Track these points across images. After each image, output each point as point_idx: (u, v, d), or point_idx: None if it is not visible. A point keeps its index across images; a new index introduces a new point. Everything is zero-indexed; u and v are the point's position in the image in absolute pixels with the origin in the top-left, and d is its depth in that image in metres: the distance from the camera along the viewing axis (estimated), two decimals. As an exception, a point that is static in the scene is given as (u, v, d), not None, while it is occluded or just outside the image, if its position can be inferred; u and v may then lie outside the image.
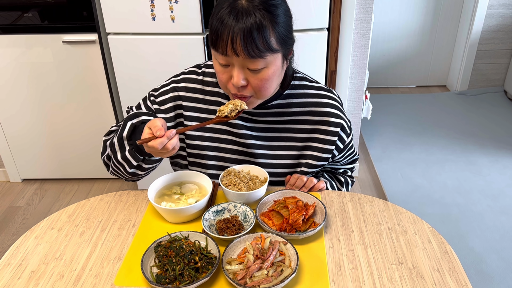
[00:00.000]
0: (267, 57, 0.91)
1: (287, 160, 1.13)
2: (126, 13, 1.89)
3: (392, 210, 1.03)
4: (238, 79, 0.93)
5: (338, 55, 2.13)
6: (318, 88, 1.11)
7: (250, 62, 0.90)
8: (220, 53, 0.91)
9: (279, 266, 0.84)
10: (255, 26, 0.87)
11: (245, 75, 0.93)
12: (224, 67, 0.94)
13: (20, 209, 2.37)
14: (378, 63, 3.59)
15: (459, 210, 2.21)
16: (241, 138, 1.11)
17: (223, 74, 0.95)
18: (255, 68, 0.92)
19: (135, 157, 1.02)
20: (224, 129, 1.12)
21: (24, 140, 2.45)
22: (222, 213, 1.00)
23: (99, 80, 2.24)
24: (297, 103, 1.10)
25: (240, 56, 0.89)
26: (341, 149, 1.14)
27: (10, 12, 2.09)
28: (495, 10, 3.20)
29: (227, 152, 1.13)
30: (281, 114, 1.10)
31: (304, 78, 1.12)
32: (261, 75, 0.93)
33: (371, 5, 2.09)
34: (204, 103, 1.11)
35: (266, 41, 0.89)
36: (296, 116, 1.10)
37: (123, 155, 1.03)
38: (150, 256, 0.88)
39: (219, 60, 0.93)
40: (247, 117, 1.10)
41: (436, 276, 0.85)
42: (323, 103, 1.10)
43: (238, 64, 0.92)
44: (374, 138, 2.90)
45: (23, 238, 0.98)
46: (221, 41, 0.89)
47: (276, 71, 0.96)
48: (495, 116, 3.13)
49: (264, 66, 0.92)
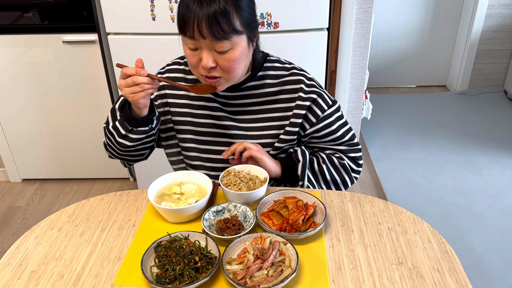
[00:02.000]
0: (233, 39, 0.97)
1: (265, 139, 1.16)
2: (126, 13, 1.89)
3: (392, 210, 1.03)
4: (207, 61, 0.98)
5: (338, 55, 2.13)
6: (290, 68, 1.16)
7: (217, 44, 0.96)
8: (188, 37, 0.96)
9: (279, 266, 0.84)
10: (219, 10, 0.92)
11: (214, 57, 0.99)
12: (193, 51, 1.00)
13: (20, 209, 2.37)
14: (378, 63, 3.59)
15: (459, 210, 2.21)
16: (219, 120, 1.16)
17: (193, 57, 1.00)
18: (222, 49, 0.97)
19: (124, 126, 1.08)
20: (205, 114, 1.17)
21: (24, 140, 2.45)
22: (222, 213, 1.00)
23: (99, 80, 2.24)
24: (270, 84, 1.15)
25: (207, 39, 0.95)
26: (314, 122, 1.14)
27: (10, 12, 2.09)
28: (495, 10, 3.20)
29: (208, 135, 1.18)
30: (256, 95, 1.15)
31: (277, 60, 1.18)
32: (228, 56, 0.99)
33: (371, 5, 2.09)
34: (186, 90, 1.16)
35: (231, 23, 0.95)
36: (270, 97, 1.15)
37: (113, 124, 1.10)
38: (150, 256, 0.88)
39: (188, 44, 0.99)
40: (223, 101, 1.16)
41: (436, 276, 0.85)
42: (295, 81, 1.14)
43: (206, 47, 0.97)
44: (374, 138, 2.90)
45: (23, 238, 0.98)
46: (188, 25, 0.94)
47: (243, 52, 1.01)
48: (495, 116, 3.13)
49: (230, 47, 0.98)
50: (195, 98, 1.17)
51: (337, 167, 1.19)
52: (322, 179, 1.18)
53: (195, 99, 1.17)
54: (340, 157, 1.20)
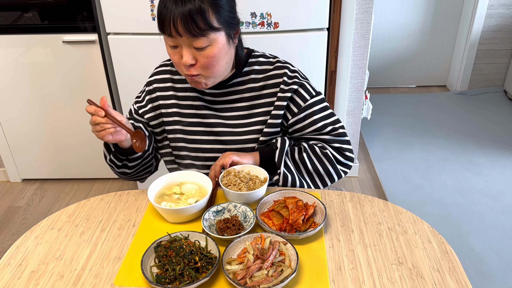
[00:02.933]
0: (210, 36, 0.98)
1: (250, 136, 1.16)
2: (126, 13, 1.89)
3: (392, 210, 1.03)
4: (186, 58, 1.00)
5: (338, 55, 2.13)
6: (274, 62, 1.17)
7: (194, 41, 0.98)
8: (167, 35, 0.99)
9: (279, 266, 0.84)
10: (194, 8, 0.94)
11: (193, 54, 1.01)
12: (173, 49, 1.02)
13: (20, 209, 2.37)
14: (378, 63, 3.59)
15: (459, 210, 2.21)
16: (205, 118, 1.17)
17: (174, 55, 1.03)
18: (199, 46, 0.99)
19: (118, 158, 1.13)
20: (192, 113, 1.18)
21: (24, 140, 2.45)
22: (222, 213, 1.00)
23: (99, 80, 2.24)
24: (254, 79, 1.16)
25: (184, 36, 0.97)
26: (295, 113, 1.14)
27: (10, 12, 2.09)
28: (495, 10, 3.20)
29: (196, 134, 1.19)
30: (241, 91, 1.16)
31: (261, 55, 1.19)
32: (207, 53, 1.00)
33: (371, 5, 2.09)
34: (173, 90, 1.20)
35: (206, 20, 0.96)
36: (254, 92, 1.16)
37: (110, 158, 1.14)
38: (150, 256, 0.88)
39: (168, 42, 1.02)
40: (210, 99, 1.17)
41: (436, 276, 0.85)
42: (278, 74, 1.15)
43: (185, 44, 0.99)
44: (374, 138, 2.90)
45: (23, 238, 0.98)
46: (165, 23, 0.97)
47: (222, 49, 1.02)
48: (495, 116, 3.13)
49: (208, 44, 0.99)
50: (183, 98, 1.19)
51: (319, 156, 1.13)
52: (304, 169, 1.13)
53: (182, 99, 1.19)
54: (323, 146, 1.15)
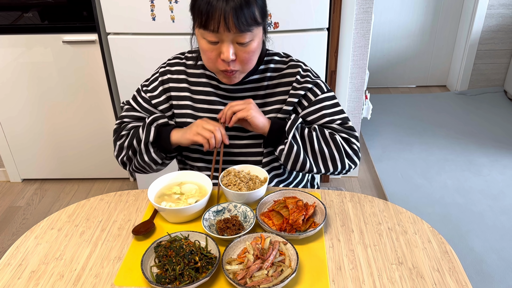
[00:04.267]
0: (254, 30, 1.00)
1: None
2: (126, 13, 1.89)
3: (392, 210, 1.03)
4: (228, 54, 1.00)
5: (338, 55, 2.13)
6: (287, 61, 1.19)
7: (240, 36, 0.99)
8: (211, 31, 0.98)
9: (279, 266, 0.84)
10: (244, 2, 0.95)
11: (234, 49, 1.01)
12: (213, 45, 1.01)
13: (20, 209, 2.37)
14: (378, 63, 3.59)
15: (459, 210, 2.21)
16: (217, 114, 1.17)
17: (212, 51, 1.02)
18: (243, 41, 0.99)
19: (161, 156, 1.16)
20: (204, 108, 1.18)
21: (24, 140, 2.45)
22: (222, 213, 1.00)
23: (99, 80, 2.24)
24: (270, 77, 1.17)
25: (231, 31, 0.97)
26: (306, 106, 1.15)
27: (10, 12, 2.09)
28: (495, 10, 3.20)
29: None
30: (256, 88, 1.17)
31: (276, 53, 1.20)
32: (248, 48, 1.02)
33: (371, 5, 2.09)
34: (187, 83, 1.19)
35: (253, 15, 0.97)
36: (268, 90, 1.17)
37: (149, 156, 1.15)
38: (150, 256, 0.88)
39: (209, 38, 1.00)
40: (224, 94, 1.17)
41: (436, 276, 0.85)
42: (291, 73, 1.16)
43: (228, 40, 0.99)
44: (374, 138, 2.90)
45: (23, 238, 0.98)
46: (212, 20, 0.96)
47: (259, 43, 1.05)
48: (495, 116, 3.13)
49: (251, 39, 1.01)
50: (196, 92, 1.18)
51: (326, 138, 1.12)
52: (310, 147, 1.11)
53: (196, 93, 1.18)
54: (332, 132, 1.14)
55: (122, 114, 1.24)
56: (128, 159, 1.19)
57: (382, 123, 3.07)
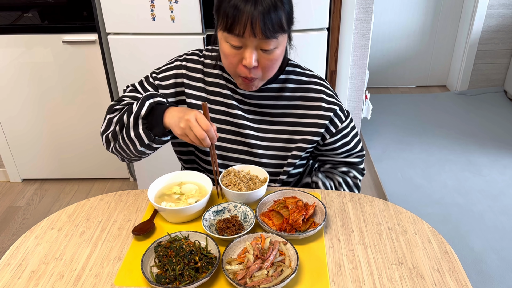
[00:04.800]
0: (279, 37, 0.96)
1: (278, 143, 1.16)
2: (126, 13, 1.89)
3: (392, 210, 1.03)
4: (250, 60, 0.96)
5: (338, 55, 2.13)
6: (310, 75, 1.17)
7: (265, 43, 0.95)
8: (235, 35, 0.94)
9: (279, 266, 0.84)
10: (272, 7, 0.92)
11: (257, 56, 0.98)
12: (236, 49, 0.97)
13: (20, 209, 2.37)
14: (378, 63, 3.59)
15: (459, 210, 2.21)
16: (235, 118, 1.15)
17: (234, 56, 0.99)
18: (268, 48, 0.96)
19: (148, 135, 1.04)
20: (220, 110, 1.16)
21: (24, 140, 2.45)
22: (222, 213, 1.00)
23: (99, 80, 2.24)
24: (290, 88, 1.14)
25: (257, 37, 0.93)
26: (333, 133, 1.15)
27: (10, 12, 2.09)
28: (495, 10, 3.20)
29: (222, 132, 1.17)
30: (275, 98, 1.14)
31: (297, 65, 1.17)
32: (272, 55, 0.98)
33: (371, 5, 2.09)
34: (203, 83, 1.16)
35: (280, 21, 0.94)
36: (289, 101, 1.14)
37: (136, 132, 1.04)
38: (150, 256, 0.88)
39: (232, 42, 0.96)
40: (241, 99, 1.14)
41: (436, 276, 0.85)
42: (315, 89, 1.14)
43: (253, 45, 0.96)
44: (374, 138, 2.90)
45: (23, 238, 0.98)
46: (239, 24, 0.92)
47: (283, 51, 1.02)
48: (495, 116, 3.13)
49: (275, 46, 0.97)
50: (212, 93, 1.15)
51: (351, 187, 1.23)
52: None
53: (212, 94, 1.15)
54: (354, 176, 1.23)
55: (123, 94, 1.19)
56: (113, 136, 1.09)
57: (382, 123, 3.07)
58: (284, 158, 1.17)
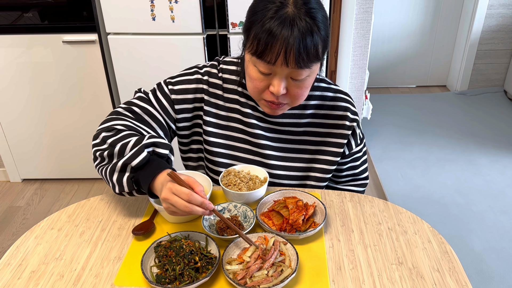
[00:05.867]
0: (313, 66, 0.90)
1: (299, 163, 1.12)
2: (126, 13, 1.89)
3: (392, 210, 1.03)
4: (279, 88, 0.90)
5: (338, 55, 2.14)
6: (335, 90, 1.10)
7: (296, 72, 0.88)
8: (266, 62, 0.87)
9: (279, 266, 0.84)
10: (309, 36, 0.84)
11: (286, 83, 0.91)
12: (264, 75, 0.91)
13: (20, 209, 2.37)
14: (378, 63, 3.59)
15: (459, 210, 2.21)
16: (255, 138, 1.10)
17: (262, 82, 0.92)
18: (300, 77, 0.90)
19: (130, 186, 0.93)
20: (239, 128, 1.10)
21: (24, 140, 2.45)
22: (222, 213, 1.00)
23: (99, 80, 2.24)
24: (313, 105, 1.09)
25: (290, 66, 0.86)
26: (346, 155, 1.13)
27: (10, 12, 2.09)
28: (495, 10, 3.20)
29: (240, 151, 1.12)
30: (297, 116, 1.09)
31: (322, 79, 1.10)
32: (303, 84, 0.92)
33: (371, 5, 2.09)
34: (222, 100, 1.09)
35: (316, 50, 0.87)
36: (311, 119, 1.09)
37: (119, 178, 0.93)
38: (150, 256, 0.88)
39: (261, 68, 0.89)
40: (261, 117, 1.09)
41: (436, 276, 0.85)
42: (341, 107, 1.08)
43: (283, 74, 0.89)
44: (374, 138, 2.90)
45: (23, 238, 0.98)
46: (272, 52, 0.85)
47: (314, 78, 0.96)
48: (495, 116, 3.13)
49: (307, 75, 0.91)
50: (231, 110, 1.09)
51: None
52: None
53: (231, 111, 1.09)
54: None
55: (133, 101, 1.07)
56: (100, 157, 0.97)
57: (382, 123, 3.07)
58: (306, 178, 1.13)
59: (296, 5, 0.85)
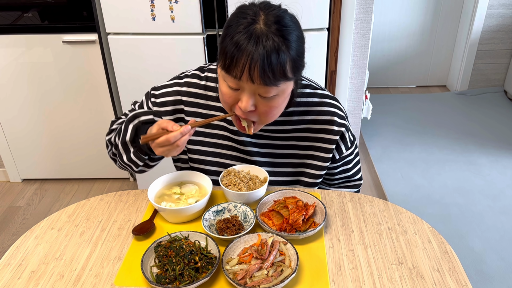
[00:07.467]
0: (281, 85, 0.88)
1: (288, 168, 1.13)
2: (126, 13, 1.89)
3: (392, 210, 1.03)
4: (247, 104, 0.89)
5: (338, 55, 2.13)
6: (322, 95, 1.09)
7: (263, 89, 0.87)
8: (233, 77, 0.87)
9: (279, 266, 0.84)
10: (274, 54, 0.83)
11: (255, 100, 0.90)
12: (233, 90, 0.91)
13: (20, 209, 2.37)
14: (378, 63, 3.59)
15: (459, 210, 2.21)
16: (242, 145, 1.10)
17: (230, 97, 0.92)
18: (267, 95, 0.89)
19: (140, 158, 1.04)
20: (225, 135, 1.11)
21: (24, 140, 2.45)
22: (222, 213, 1.00)
23: (99, 80, 2.24)
24: (300, 112, 1.08)
25: (255, 83, 0.86)
26: (336, 159, 1.12)
27: (10, 12, 2.09)
28: (495, 10, 3.20)
29: (228, 159, 1.13)
30: (284, 122, 1.08)
31: (308, 85, 1.09)
32: (271, 103, 0.91)
33: (371, 5, 2.09)
34: (205, 108, 1.09)
35: (283, 69, 0.86)
36: (298, 125, 1.09)
37: (128, 157, 1.05)
38: (150, 256, 0.88)
39: (229, 83, 0.89)
40: None
41: (436, 276, 0.85)
42: (327, 112, 1.08)
43: (250, 90, 0.88)
44: (374, 138, 2.90)
45: (23, 238, 0.98)
46: (236, 66, 0.85)
47: (286, 97, 0.95)
48: (495, 116, 3.13)
49: (276, 93, 0.89)
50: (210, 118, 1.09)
51: None
52: None
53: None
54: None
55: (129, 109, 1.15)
56: (113, 157, 1.11)
57: (382, 123, 3.07)
58: (296, 183, 1.14)
59: (266, 23, 0.85)
